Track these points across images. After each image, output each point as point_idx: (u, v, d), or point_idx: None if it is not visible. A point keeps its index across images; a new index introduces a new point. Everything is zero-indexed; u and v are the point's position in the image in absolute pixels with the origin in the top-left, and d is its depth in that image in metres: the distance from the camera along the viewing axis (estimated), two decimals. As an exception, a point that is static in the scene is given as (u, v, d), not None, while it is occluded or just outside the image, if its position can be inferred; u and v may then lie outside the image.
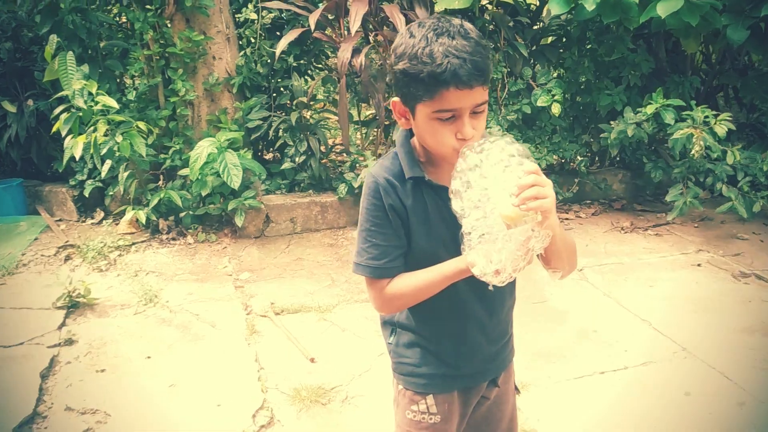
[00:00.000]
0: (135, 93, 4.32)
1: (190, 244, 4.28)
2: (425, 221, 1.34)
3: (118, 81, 4.58)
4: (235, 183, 3.92)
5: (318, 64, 5.23)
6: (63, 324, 3.26)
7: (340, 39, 4.36)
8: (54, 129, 3.91)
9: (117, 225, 4.48)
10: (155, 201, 4.20)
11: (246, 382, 2.81)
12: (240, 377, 2.84)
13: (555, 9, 4.20)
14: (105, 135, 3.80)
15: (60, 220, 4.71)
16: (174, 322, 3.31)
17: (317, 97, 5.17)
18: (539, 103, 4.56)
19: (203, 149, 3.92)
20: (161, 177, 4.49)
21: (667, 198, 4.41)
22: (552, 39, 5.18)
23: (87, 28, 4.17)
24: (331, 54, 5.12)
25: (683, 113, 4.30)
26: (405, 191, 1.34)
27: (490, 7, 4.81)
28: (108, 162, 4.20)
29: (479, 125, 1.25)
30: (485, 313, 1.44)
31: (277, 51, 4.29)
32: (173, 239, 4.33)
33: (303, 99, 4.52)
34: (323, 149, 4.70)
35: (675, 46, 5.21)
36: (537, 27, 5.09)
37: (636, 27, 4.31)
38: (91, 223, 4.62)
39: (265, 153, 5.23)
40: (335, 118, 4.96)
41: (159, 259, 4.06)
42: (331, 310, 3.43)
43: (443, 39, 1.18)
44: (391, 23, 4.21)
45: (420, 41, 1.19)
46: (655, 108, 4.29)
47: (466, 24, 1.22)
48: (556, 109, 4.51)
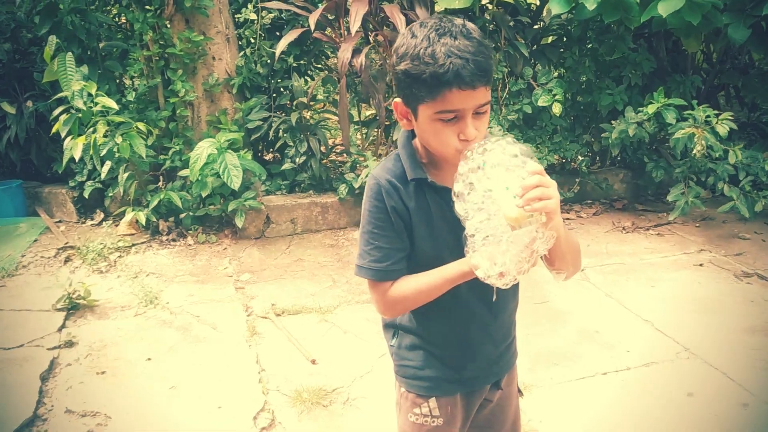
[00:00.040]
0: (134, 94, 4.31)
1: (190, 245, 4.27)
2: (428, 223, 1.33)
3: (117, 82, 4.58)
4: (236, 184, 3.91)
5: (318, 64, 5.23)
6: (63, 326, 3.25)
7: (340, 39, 4.35)
8: (53, 130, 3.91)
9: (117, 226, 4.47)
10: (155, 202, 4.19)
11: (247, 383, 2.79)
12: (241, 379, 2.83)
13: (555, 8, 4.20)
14: (104, 136, 3.79)
15: (60, 221, 4.71)
16: (174, 323, 3.31)
17: (317, 98, 5.16)
18: (540, 103, 4.55)
19: (203, 150, 3.91)
20: (161, 178, 4.48)
21: (669, 198, 4.40)
22: (553, 38, 5.18)
23: (86, 28, 4.17)
24: (331, 54, 5.12)
25: (684, 113, 4.29)
26: (407, 193, 1.32)
27: (490, 7, 4.81)
28: (108, 163, 4.19)
29: (482, 126, 1.24)
30: (489, 315, 1.42)
31: (277, 51, 4.28)
32: (173, 240, 4.32)
33: (303, 99, 4.51)
34: (323, 150, 4.69)
35: (676, 45, 5.20)
36: (537, 26, 5.09)
37: (637, 26, 4.31)
38: (91, 225, 4.61)
39: (266, 154, 5.23)
40: (335, 118, 4.95)
41: (159, 261, 4.05)
42: (332, 311, 3.42)
43: (445, 39, 1.16)
44: (392, 23, 4.20)
45: (422, 41, 1.17)
46: (657, 107, 4.28)
47: (468, 24, 1.21)
48: (556, 109, 4.50)
